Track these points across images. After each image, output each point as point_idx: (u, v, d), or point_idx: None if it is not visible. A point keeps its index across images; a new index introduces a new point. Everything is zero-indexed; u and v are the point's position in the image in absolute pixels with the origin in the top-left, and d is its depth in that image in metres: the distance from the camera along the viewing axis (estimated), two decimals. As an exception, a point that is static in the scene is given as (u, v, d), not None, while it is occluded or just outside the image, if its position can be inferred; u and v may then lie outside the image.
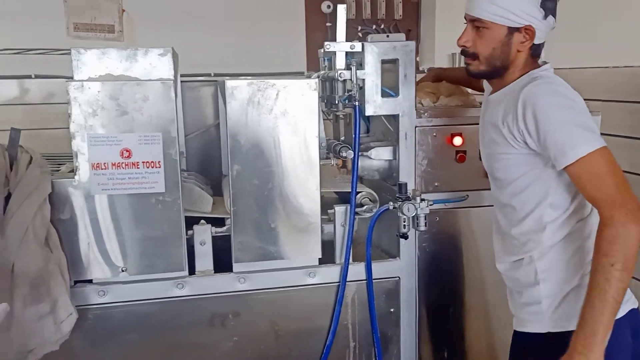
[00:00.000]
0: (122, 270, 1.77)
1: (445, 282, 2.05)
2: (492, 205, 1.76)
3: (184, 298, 1.84)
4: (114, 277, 1.77)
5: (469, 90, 2.20)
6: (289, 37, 3.63)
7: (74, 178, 1.70)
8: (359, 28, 1.97)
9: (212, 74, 2.47)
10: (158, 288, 1.82)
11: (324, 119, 2.05)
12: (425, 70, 3.62)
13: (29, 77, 3.24)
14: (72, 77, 1.66)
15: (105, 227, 1.73)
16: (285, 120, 1.79)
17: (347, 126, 2.16)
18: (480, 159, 1.98)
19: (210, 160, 2.38)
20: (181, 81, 2.24)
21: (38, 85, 3.28)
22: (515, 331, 1.64)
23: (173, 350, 1.83)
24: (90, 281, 1.78)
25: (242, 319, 1.88)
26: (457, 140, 1.98)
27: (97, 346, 1.79)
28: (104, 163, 1.69)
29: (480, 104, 1.98)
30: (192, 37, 3.30)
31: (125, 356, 1.80)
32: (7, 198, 1.62)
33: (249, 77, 1.75)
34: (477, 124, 1.95)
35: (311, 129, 1.81)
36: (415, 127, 1.95)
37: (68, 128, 1.66)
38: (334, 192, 2.26)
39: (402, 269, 2.01)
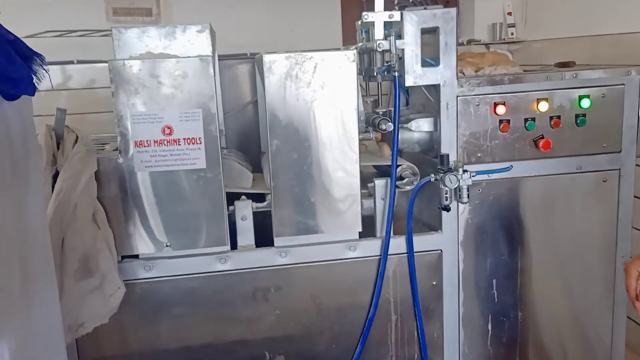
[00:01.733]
0: (167, 246, 1.79)
1: (488, 254, 2.03)
2: (538, 175, 1.71)
3: (226, 272, 1.85)
4: (158, 252, 1.79)
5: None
6: (324, 14, 3.60)
7: (118, 156, 1.73)
8: (396, 1, 1.92)
9: (249, 54, 2.48)
10: (201, 263, 1.83)
11: (362, 95, 2.04)
12: (464, 43, 3.54)
13: (72, 62, 3.30)
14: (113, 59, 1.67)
15: (148, 203, 1.75)
16: (324, 93, 1.78)
17: (386, 99, 2.14)
18: (527, 128, 1.95)
19: (248, 138, 2.39)
20: (219, 60, 2.23)
21: (80, 71, 3.34)
22: None
23: (217, 324, 1.85)
24: (136, 256, 1.81)
25: (283, 293, 1.89)
26: (501, 109, 1.94)
27: (144, 319, 1.83)
28: (147, 141, 1.71)
29: (528, 71, 1.95)
30: (228, 19, 3.33)
31: (172, 329, 1.84)
32: (55, 176, 1.68)
33: (287, 52, 1.75)
34: (522, 92, 1.91)
35: (349, 102, 1.80)
36: (457, 96, 1.92)
37: (111, 111, 1.69)
38: (374, 166, 2.24)
39: (444, 241, 2.00)
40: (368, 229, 1.95)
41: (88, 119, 2.96)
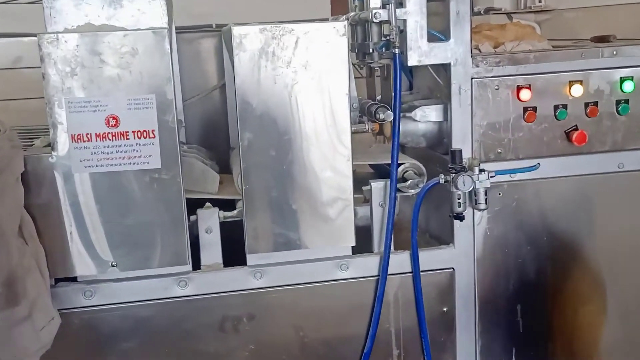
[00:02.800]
0: (112, 265, 1.80)
1: (511, 274, 2.06)
2: (572, 176, 1.75)
3: (187, 298, 1.87)
4: (102, 273, 1.80)
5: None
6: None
7: (50, 154, 1.72)
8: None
9: (214, 26, 2.50)
10: (156, 286, 1.85)
11: (355, 77, 2.06)
12: (481, 12, 3.55)
13: (-11, 36, 3.25)
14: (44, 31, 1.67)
15: (89, 212, 1.75)
16: (307, 75, 1.80)
17: (384, 82, 2.17)
18: (557, 117, 1.98)
19: (214, 131, 2.38)
20: (177, 33, 2.23)
21: (2, 46, 3.29)
22: None
23: (176, 363, 1.87)
24: (74, 279, 1.81)
25: (259, 323, 1.91)
26: (525, 94, 1.96)
27: (84, 357, 1.82)
28: (87, 134, 1.71)
29: (558, 48, 1.97)
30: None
31: (120, 369, 1.86)
32: (-29, 179, 1.70)
33: (261, 23, 1.77)
34: (551, 73, 1.93)
35: (339, 86, 1.82)
36: (472, 78, 1.94)
37: (41, 97, 1.68)
38: (370, 164, 2.26)
39: (456, 258, 2.02)
40: (363, 242, 1.97)
41: (12, 106, 2.93)
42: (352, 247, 1.95)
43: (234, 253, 1.92)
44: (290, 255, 1.91)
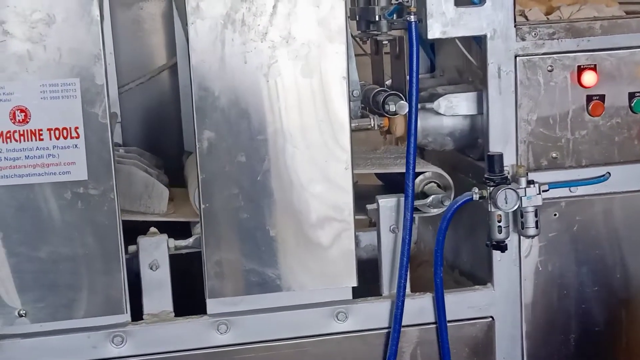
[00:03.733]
0: (20, 315, 1.78)
1: (572, 324, 2.05)
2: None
3: (125, 360, 1.81)
4: (6, 326, 1.78)
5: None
6: None
7: None
8: None
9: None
10: (81, 344, 1.82)
11: (356, 54, 2.02)
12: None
13: None
14: None
15: (-12, 242, 1.74)
16: (290, 51, 1.78)
17: (395, 61, 2.12)
18: (633, 110, 1.94)
19: (162, 129, 2.38)
20: (111, -6, 2.26)
21: None
22: None
23: None
24: (-35, 334, 1.79)
25: (225, 395, 1.90)
26: (589, 78, 1.95)
27: None
28: (-17, 133, 1.72)
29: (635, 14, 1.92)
30: None
31: None
32: None
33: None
34: (624, 48, 1.90)
35: (334, 67, 1.80)
36: (516, 56, 1.93)
37: None
38: (377, 174, 2.23)
39: (497, 303, 2.01)
40: (368, 282, 1.97)
41: None
42: (353, 288, 1.93)
43: (189, 297, 1.90)
44: (267, 300, 1.89)
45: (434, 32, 1.89)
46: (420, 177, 2.01)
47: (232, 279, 1.86)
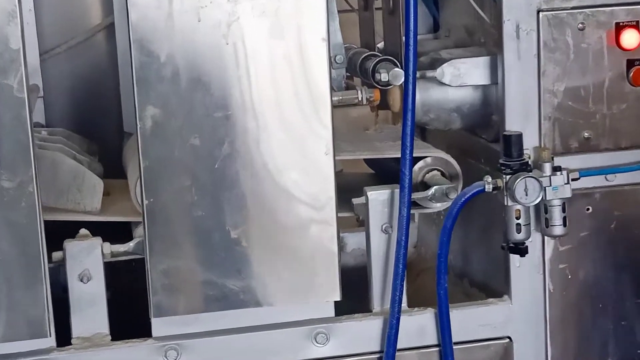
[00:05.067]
0: None
1: (610, 346, 2.07)
2: None
3: (50, 396, 1.87)
4: None
5: None
6: None
7: None
8: None
9: None
10: None
11: (339, 10, 2.05)
12: None
13: None
14: None
15: None
16: (254, 5, 1.81)
17: (389, 18, 2.15)
18: None
19: (96, 106, 2.40)
20: None
21: None
22: None
23: None
24: None
25: None
26: (631, 38, 1.99)
27: None
28: None
29: None
30: None
31: None
32: None
33: None
34: None
35: (311, 25, 1.84)
36: (539, 11, 1.97)
37: None
38: (366, 160, 2.27)
39: (515, 320, 2.05)
40: (355, 294, 2.00)
41: None
42: (336, 303, 1.97)
43: (131, 316, 1.94)
44: (228, 319, 1.92)
45: (438, -20, 1.93)
46: (420, 163, 2.05)
47: (183, 293, 1.89)
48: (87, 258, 1.88)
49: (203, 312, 1.91)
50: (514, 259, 2.00)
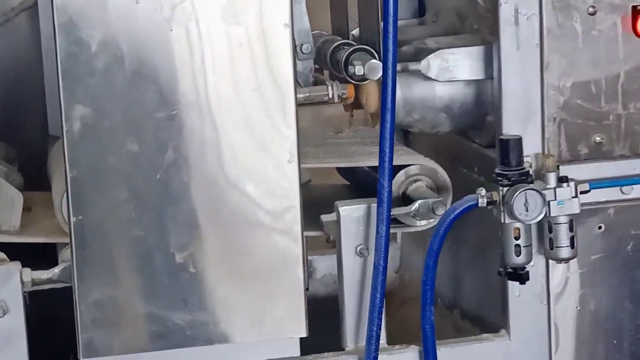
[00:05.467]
0: None
1: None
2: None
3: None
4: None
5: None
6: None
7: None
8: None
9: None
10: None
11: None
12: None
13: None
14: None
15: None
16: None
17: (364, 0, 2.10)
18: None
19: (17, 103, 2.36)
20: None
21: None
22: None
23: None
24: None
25: None
26: None
27: None
28: None
29: None
30: None
31: None
32: None
33: None
34: None
35: (271, 8, 1.80)
36: None
37: None
38: (338, 169, 2.25)
39: (515, 358, 2.01)
40: (325, 329, 1.98)
41: None
42: (303, 339, 1.92)
43: (56, 356, 1.92)
44: (174, 359, 1.87)
45: (422, -45, 1.89)
46: (402, 173, 2.00)
47: (119, 329, 1.84)
48: (4, 287, 1.84)
49: (143, 352, 1.87)
50: (513, 286, 1.97)
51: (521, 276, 1.89)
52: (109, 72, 1.77)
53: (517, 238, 1.87)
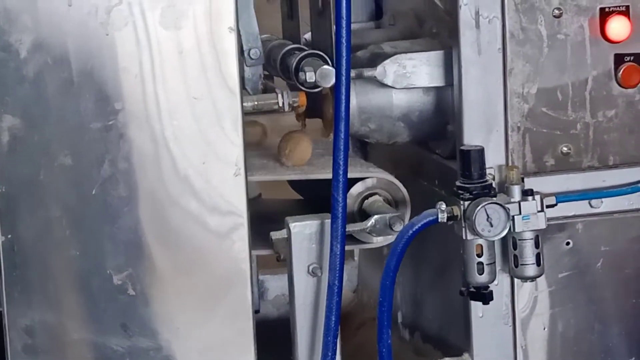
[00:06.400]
0: None
1: None
2: None
3: None
4: None
5: None
6: None
7: None
8: None
9: None
10: None
11: None
12: None
13: None
14: None
15: None
16: None
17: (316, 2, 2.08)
18: None
19: None
20: None
21: None
22: None
23: None
24: None
25: None
26: (619, 28, 1.96)
27: None
28: None
29: None
30: None
31: None
32: None
33: None
34: None
35: (214, 11, 1.80)
36: None
37: None
38: (290, 182, 2.22)
39: None
40: (278, 353, 1.98)
41: None
42: None
43: None
44: None
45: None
46: (358, 186, 1.98)
47: (52, 357, 1.82)
48: None
49: (77, 382, 1.82)
50: (476, 307, 1.95)
51: (484, 296, 1.87)
52: (40, 80, 1.76)
53: (479, 255, 1.85)
